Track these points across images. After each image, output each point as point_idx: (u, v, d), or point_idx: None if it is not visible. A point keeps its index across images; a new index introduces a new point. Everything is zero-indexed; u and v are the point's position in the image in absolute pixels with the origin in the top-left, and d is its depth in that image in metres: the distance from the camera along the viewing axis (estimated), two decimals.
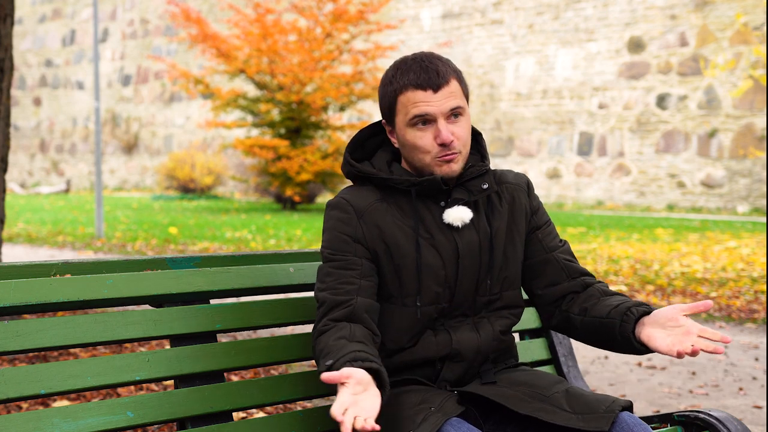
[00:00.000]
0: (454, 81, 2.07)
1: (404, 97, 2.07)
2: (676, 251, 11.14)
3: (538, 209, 2.22)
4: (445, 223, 2.09)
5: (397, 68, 2.10)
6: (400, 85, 2.07)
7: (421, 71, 2.06)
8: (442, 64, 2.09)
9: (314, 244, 11.78)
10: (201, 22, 18.99)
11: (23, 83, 33.98)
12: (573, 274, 2.18)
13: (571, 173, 21.16)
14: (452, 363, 2.08)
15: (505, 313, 2.16)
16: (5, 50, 5.52)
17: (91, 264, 2.02)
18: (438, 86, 2.05)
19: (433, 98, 2.04)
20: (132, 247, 11.76)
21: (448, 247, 2.08)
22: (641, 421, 1.99)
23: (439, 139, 2.04)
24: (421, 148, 2.06)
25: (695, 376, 5.30)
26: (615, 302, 2.09)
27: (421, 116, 2.05)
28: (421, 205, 2.09)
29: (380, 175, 2.10)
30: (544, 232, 2.21)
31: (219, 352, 2.11)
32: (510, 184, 2.20)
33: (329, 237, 2.08)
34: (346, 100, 19.05)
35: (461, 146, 2.08)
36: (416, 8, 23.54)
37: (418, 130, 2.06)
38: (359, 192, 2.11)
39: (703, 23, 19.03)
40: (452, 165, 2.07)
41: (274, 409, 3.96)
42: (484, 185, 2.12)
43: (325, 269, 2.06)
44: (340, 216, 2.07)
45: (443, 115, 2.05)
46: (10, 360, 4.79)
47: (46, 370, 1.89)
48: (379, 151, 2.19)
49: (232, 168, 24.34)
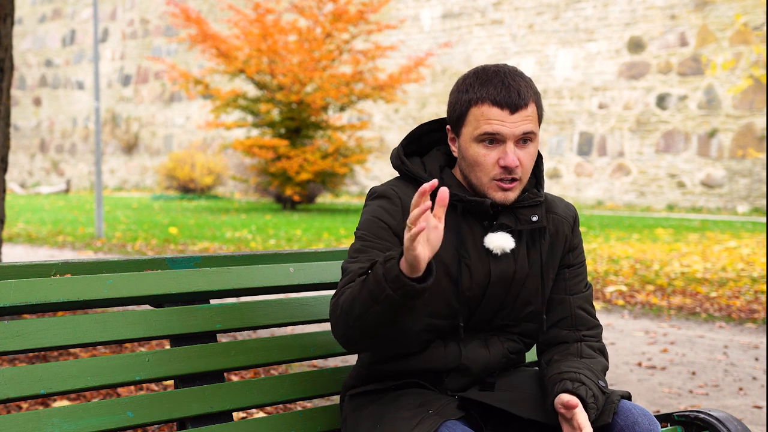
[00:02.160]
0: (532, 104, 1.98)
1: (478, 110, 1.96)
2: (676, 251, 11.14)
3: (576, 247, 2.14)
4: (484, 246, 2.02)
5: (477, 77, 1.99)
6: (477, 96, 1.96)
7: (503, 88, 1.95)
8: (525, 84, 1.98)
9: (314, 243, 11.78)
10: (201, 22, 18.99)
11: (23, 83, 33.97)
12: (577, 326, 2.12)
13: (571, 173, 21.16)
14: (458, 375, 2.06)
15: (516, 338, 2.12)
16: (5, 50, 5.52)
17: (91, 264, 2.02)
18: (517, 107, 1.95)
19: (508, 119, 1.95)
20: (132, 247, 11.76)
21: (481, 271, 2.01)
22: (642, 407, 2.00)
23: (503, 162, 1.95)
24: (482, 166, 1.98)
25: (695, 376, 5.30)
26: (565, 368, 2.00)
27: (491, 134, 1.96)
28: (464, 222, 2.02)
29: None
30: (574, 272, 2.13)
31: (219, 352, 2.11)
32: (557, 216, 2.11)
33: (368, 221, 1.99)
34: (346, 100, 19.05)
35: (522, 174, 1.99)
36: (416, 8, 23.54)
37: (484, 148, 1.97)
38: (407, 188, 2.02)
39: (703, 23, 19.02)
40: (508, 194, 1.99)
41: (274, 409, 3.96)
42: (534, 217, 2.03)
43: (358, 245, 1.98)
44: (386, 205, 1.99)
45: (514, 138, 1.96)
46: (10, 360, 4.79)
47: (46, 370, 1.89)
48: (434, 150, 2.10)
49: (232, 168, 24.33)
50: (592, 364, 2.04)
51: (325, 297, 2.33)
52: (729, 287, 8.36)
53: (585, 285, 2.15)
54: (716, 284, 8.54)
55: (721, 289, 8.29)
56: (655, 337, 6.46)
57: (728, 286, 8.44)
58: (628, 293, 8.17)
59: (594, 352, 2.09)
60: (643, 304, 7.71)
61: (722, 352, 5.94)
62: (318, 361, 5.10)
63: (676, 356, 5.83)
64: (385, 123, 24.24)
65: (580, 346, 2.09)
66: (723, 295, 8.00)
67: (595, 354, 2.09)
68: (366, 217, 2.01)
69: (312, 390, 2.24)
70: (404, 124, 23.76)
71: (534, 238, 2.07)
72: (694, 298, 7.92)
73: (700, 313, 7.29)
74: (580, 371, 1.99)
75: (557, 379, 1.98)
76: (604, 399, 2.00)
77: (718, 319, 7.10)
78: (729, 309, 7.43)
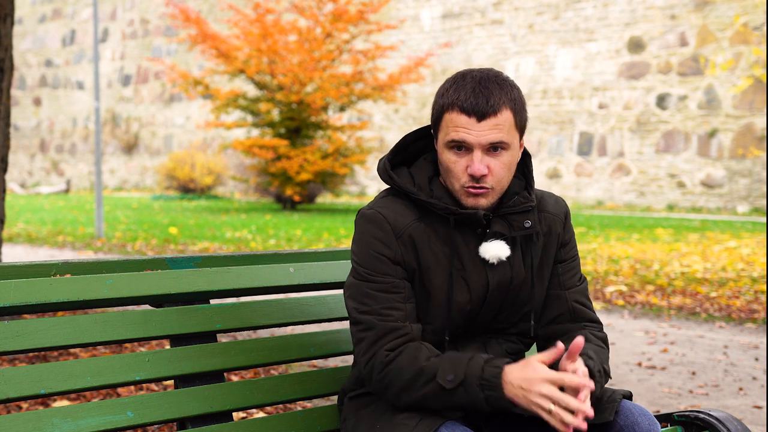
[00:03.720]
0: (506, 112, 1.93)
1: (449, 116, 1.95)
2: (676, 251, 11.14)
3: (568, 242, 2.13)
4: (479, 256, 2.01)
5: (455, 81, 1.97)
6: (449, 101, 1.95)
7: (472, 94, 1.92)
8: (498, 91, 1.94)
9: (314, 243, 11.78)
10: (200, 23, 18.98)
11: (23, 83, 33.97)
12: (578, 319, 2.11)
13: (571, 173, 21.16)
14: None
15: (514, 339, 2.12)
16: (5, 50, 5.52)
17: (91, 264, 2.01)
18: (484, 115, 1.92)
19: (474, 127, 1.92)
20: (132, 247, 11.76)
21: (478, 282, 2.01)
22: (643, 408, 2.00)
23: (470, 170, 1.93)
24: (452, 173, 1.96)
25: (695, 376, 5.30)
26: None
27: (458, 142, 1.94)
28: (457, 233, 2.01)
29: (420, 196, 1.99)
30: (567, 266, 2.13)
31: (219, 352, 2.11)
32: (549, 215, 2.10)
33: (364, 254, 1.97)
34: (346, 100, 19.05)
35: (494, 182, 1.96)
36: (416, 8, 23.54)
37: (454, 154, 1.95)
38: (396, 206, 2.00)
39: (703, 23, 19.02)
40: (479, 199, 1.96)
41: (274, 409, 3.96)
42: (527, 223, 2.03)
43: (365, 289, 1.95)
44: (376, 233, 1.97)
45: (481, 147, 1.93)
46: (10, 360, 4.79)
47: (46, 370, 1.89)
48: (421, 160, 2.08)
49: (232, 168, 24.34)
50: (599, 350, 2.04)
51: (325, 297, 2.33)
52: (729, 287, 8.36)
53: (579, 278, 2.15)
54: (716, 284, 8.54)
55: (721, 289, 8.29)
56: (655, 337, 6.46)
57: (728, 286, 8.43)
58: (628, 293, 8.17)
59: (599, 341, 2.09)
60: (643, 304, 7.71)
61: (722, 352, 5.94)
62: (318, 361, 5.10)
63: (676, 356, 5.83)
64: (385, 123, 24.24)
65: (585, 333, 2.09)
66: (723, 295, 8.00)
67: (600, 343, 2.09)
68: (362, 249, 1.98)
69: (312, 390, 2.24)
70: (404, 124, 23.76)
71: (528, 242, 2.07)
72: (694, 298, 7.92)
73: (700, 313, 7.29)
74: (586, 350, 1.99)
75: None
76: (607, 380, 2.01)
77: (718, 319, 7.10)
78: (729, 309, 7.43)
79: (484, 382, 1.82)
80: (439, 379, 1.86)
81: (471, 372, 1.83)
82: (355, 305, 1.96)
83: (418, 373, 1.89)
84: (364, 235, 1.98)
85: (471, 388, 1.83)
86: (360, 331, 1.96)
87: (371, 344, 1.94)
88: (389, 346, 1.92)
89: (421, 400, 1.90)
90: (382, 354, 1.92)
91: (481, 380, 1.82)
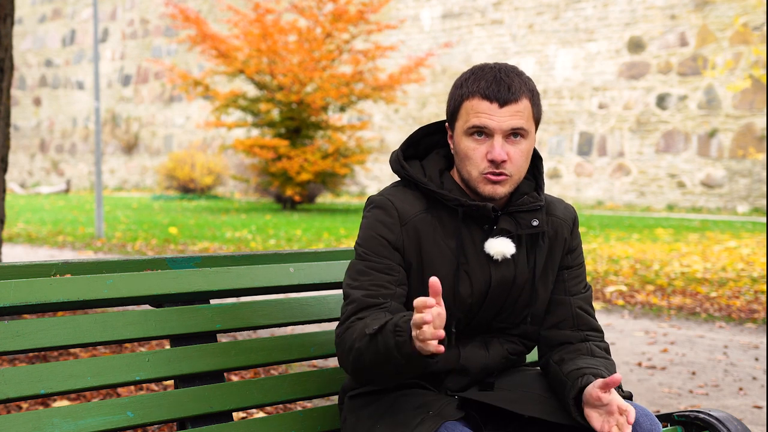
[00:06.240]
0: (525, 100, 1.98)
1: (469, 104, 1.98)
2: (676, 251, 11.14)
3: (575, 249, 2.14)
4: (484, 251, 2.02)
5: (473, 73, 2.02)
6: (469, 90, 1.99)
7: (494, 82, 1.97)
8: (518, 80, 1.99)
9: (314, 243, 11.78)
10: (200, 23, 18.98)
11: (23, 83, 33.97)
12: (580, 326, 2.11)
13: (571, 173, 21.16)
14: (457, 376, 2.06)
15: (516, 340, 2.12)
16: (5, 50, 5.52)
17: (91, 264, 2.01)
18: (505, 101, 1.96)
19: (496, 112, 1.96)
20: (132, 247, 11.76)
21: (481, 278, 2.02)
22: (643, 407, 2.00)
23: (491, 155, 1.96)
24: (471, 159, 1.99)
25: (695, 376, 5.30)
26: (583, 364, 1.99)
27: (479, 127, 1.97)
28: (464, 227, 2.02)
29: (430, 186, 2.02)
30: (573, 273, 2.13)
31: (219, 352, 2.11)
32: (557, 219, 2.11)
33: (367, 236, 2.01)
34: (346, 100, 19.05)
35: (513, 170, 1.99)
36: (416, 8, 23.54)
37: (474, 141, 1.98)
38: (405, 196, 2.04)
39: (703, 23, 19.02)
40: (497, 187, 1.99)
41: (274, 409, 3.96)
42: (535, 222, 2.04)
43: (360, 266, 1.99)
44: (383, 218, 2.01)
45: (502, 133, 1.97)
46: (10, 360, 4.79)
47: (46, 370, 1.89)
48: (432, 153, 2.11)
49: (232, 168, 24.34)
50: (608, 364, 2.05)
51: (325, 297, 2.33)
52: (729, 287, 8.36)
53: (584, 286, 2.16)
54: (716, 284, 8.54)
55: (721, 289, 8.29)
56: (655, 337, 6.46)
57: (728, 286, 8.43)
58: (628, 293, 8.17)
59: (603, 353, 2.09)
60: (643, 304, 7.71)
61: (722, 352, 5.94)
62: (318, 361, 5.10)
63: (676, 356, 5.83)
64: (385, 123, 24.24)
65: (589, 346, 2.09)
66: (723, 295, 8.00)
67: (606, 354, 2.09)
68: (365, 231, 2.02)
69: (312, 390, 2.24)
70: (404, 124, 23.75)
71: (534, 242, 2.07)
72: (694, 298, 7.92)
73: (700, 313, 7.29)
74: (599, 368, 1.99)
75: (577, 374, 1.96)
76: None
77: (718, 319, 7.10)
78: (729, 309, 7.43)
79: (397, 329, 1.81)
80: (366, 328, 1.88)
81: (391, 321, 1.84)
82: (348, 281, 2.00)
83: (360, 330, 1.91)
84: (370, 219, 2.02)
85: (386, 336, 1.83)
86: (345, 305, 1.99)
87: (347, 317, 1.96)
88: (361, 316, 1.94)
89: (357, 355, 1.90)
90: (349, 321, 1.95)
91: (396, 326, 1.82)
